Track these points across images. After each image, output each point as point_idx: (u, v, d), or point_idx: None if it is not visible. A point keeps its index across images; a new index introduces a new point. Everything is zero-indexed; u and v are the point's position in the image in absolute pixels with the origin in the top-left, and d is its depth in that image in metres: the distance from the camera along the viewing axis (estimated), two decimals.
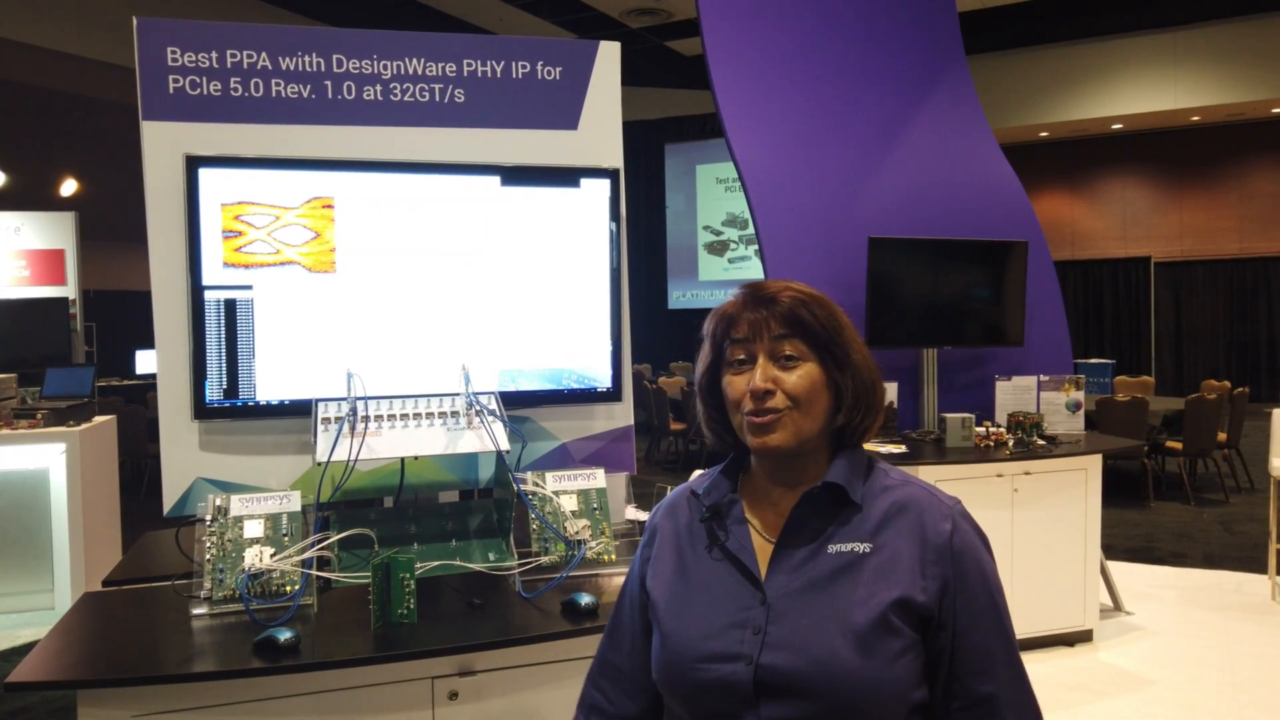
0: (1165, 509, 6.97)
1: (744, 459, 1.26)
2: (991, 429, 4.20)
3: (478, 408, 2.18)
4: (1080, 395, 4.45)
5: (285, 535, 1.98)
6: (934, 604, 1.11)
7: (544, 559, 2.12)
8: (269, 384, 2.31)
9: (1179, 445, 7.15)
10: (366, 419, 2.12)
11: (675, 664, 1.15)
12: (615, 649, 1.30)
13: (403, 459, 2.28)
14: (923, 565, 1.12)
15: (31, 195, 9.48)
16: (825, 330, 1.17)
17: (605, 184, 2.56)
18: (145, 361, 10.07)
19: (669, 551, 1.25)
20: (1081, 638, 4.16)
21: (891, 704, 1.08)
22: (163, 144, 2.31)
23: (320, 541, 1.99)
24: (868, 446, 1.23)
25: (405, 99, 2.51)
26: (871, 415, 1.20)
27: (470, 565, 2.12)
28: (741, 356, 1.18)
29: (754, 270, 12.94)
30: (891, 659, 1.08)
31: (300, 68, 2.43)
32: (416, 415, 2.16)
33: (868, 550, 1.13)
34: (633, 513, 2.63)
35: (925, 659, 1.12)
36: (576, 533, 2.14)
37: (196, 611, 1.88)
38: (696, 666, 1.13)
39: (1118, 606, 4.63)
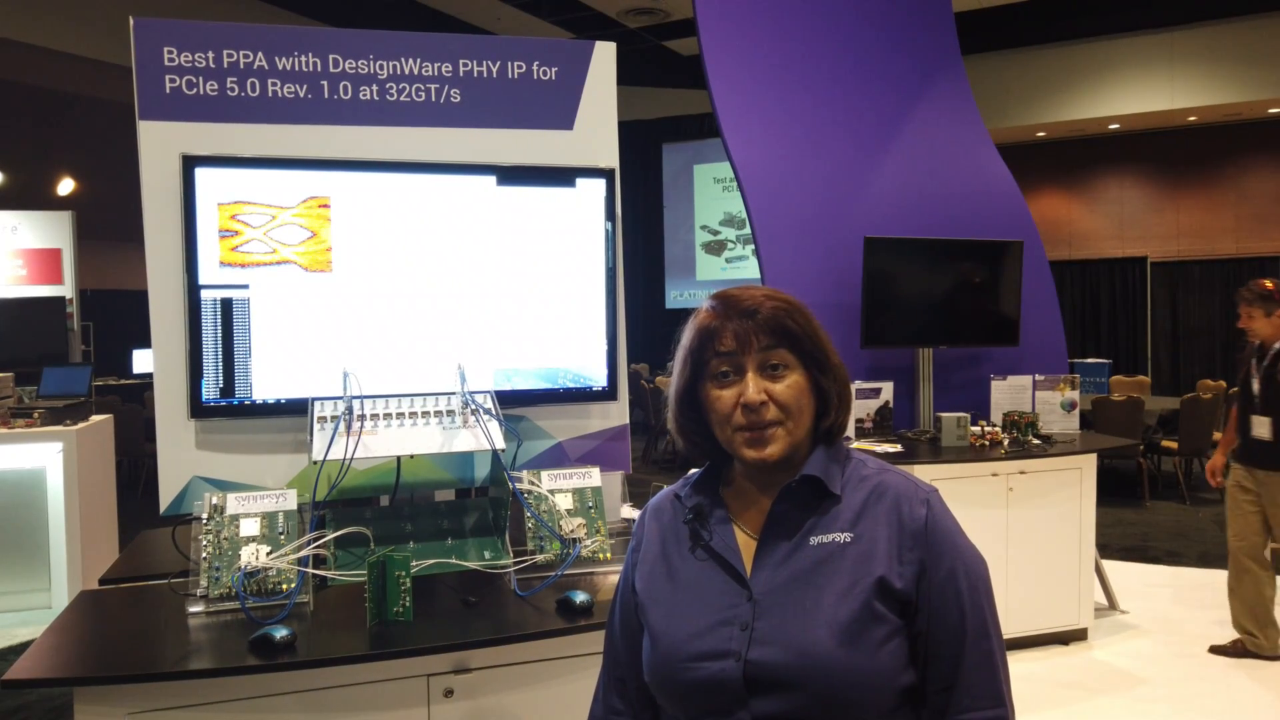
0: (1161, 508, 6.99)
1: (723, 466, 1.27)
2: (987, 428, 4.21)
3: (473, 406, 2.19)
4: (1075, 394, 4.46)
5: (281, 533, 1.99)
6: (911, 589, 1.12)
7: (539, 557, 2.13)
8: (265, 383, 2.32)
9: (1174, 445, 7.17)
10: (362, 418, 2.13)
11: (666, 664, 1.16)
12: (618, 663, 1.30)
13: (399, 458, 2.29)
14: (900, 550, 1.13)
15: (28, 194, 9.48)
16: (808, 338, 1.18)
17: (600, 184, 2.57)
18: (142, 360, 10.06)
19: (656, 554, 1.25)
20: (1076, 636, 4.18)
21: (878, 691, 1.09)
22: (159, 144, 2.32)
23: (316, 540, 2.00)
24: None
25: (401, 99, 2.52)
26: (847, 411, 1.23)
27: (466, 563, 2.13)
28: (726, 369, 1.17)
29: (751, 269, 12.95)
30: (875, 647, 1.09)
31: (297, 68, 2.44)
32: (412, 414, 2.17)
33: (849, 540, 1.14)
34: (628, 511, 2.64)
35: (910, 643, 1.13)
36: (571, 531, 2.15)
37: (193, 609, 1.89)
38: (687, 666, 1.14)
39: (1113, 605, 4.64)
